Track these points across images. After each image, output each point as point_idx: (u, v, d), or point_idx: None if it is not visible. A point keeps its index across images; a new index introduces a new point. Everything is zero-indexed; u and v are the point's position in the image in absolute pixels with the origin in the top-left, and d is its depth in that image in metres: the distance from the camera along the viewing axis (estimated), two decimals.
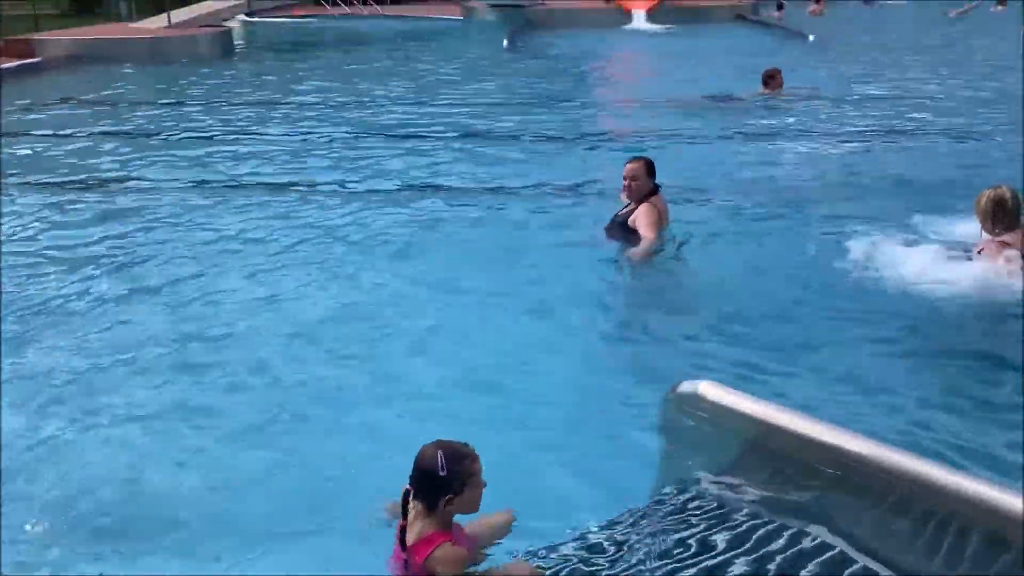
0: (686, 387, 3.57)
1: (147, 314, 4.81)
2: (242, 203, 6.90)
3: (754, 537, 2.86)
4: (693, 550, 2.79)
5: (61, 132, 9.64)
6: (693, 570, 2.70)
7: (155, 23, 17.41)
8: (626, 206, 5.64)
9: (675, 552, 2.79)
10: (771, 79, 10.87)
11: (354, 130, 9.69)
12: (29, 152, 8.78)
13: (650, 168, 5.57)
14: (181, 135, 9.52)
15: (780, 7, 24.50)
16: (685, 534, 2.88)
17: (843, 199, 6.77)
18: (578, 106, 11.50)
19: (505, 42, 17.59)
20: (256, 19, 23.51)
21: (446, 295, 5.01)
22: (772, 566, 2.71)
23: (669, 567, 2.72)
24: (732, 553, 2.78)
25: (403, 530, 2.54)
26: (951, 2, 23.29)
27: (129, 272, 5.42)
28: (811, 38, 17.32)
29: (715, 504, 3.04)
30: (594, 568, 2.74)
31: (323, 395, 3.93)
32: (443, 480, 2.48)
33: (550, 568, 2.73)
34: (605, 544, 2.84)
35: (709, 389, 3.50)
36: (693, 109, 10.53)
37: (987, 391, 3.88)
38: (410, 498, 2.56)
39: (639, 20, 21.73)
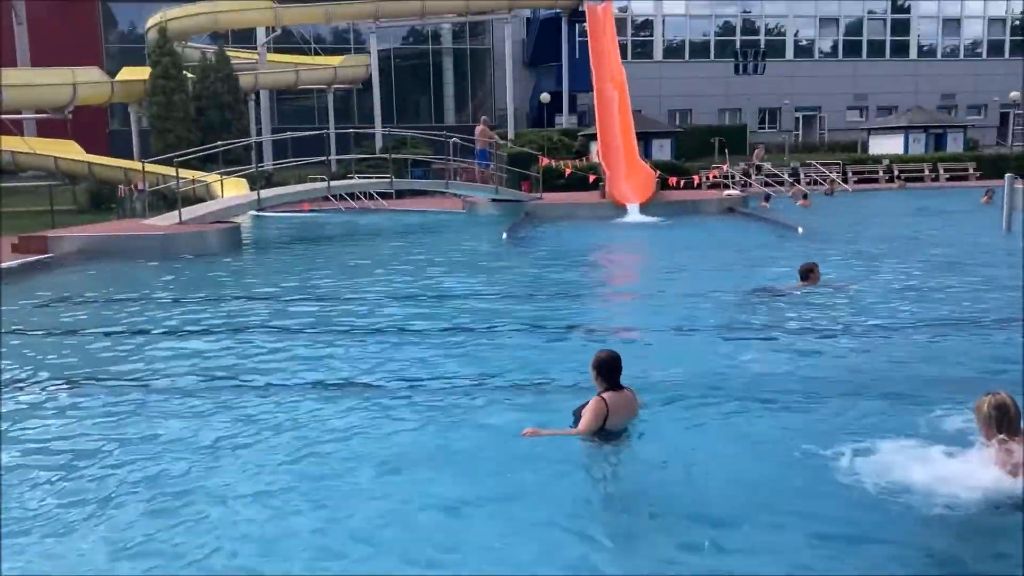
0: None
1: (142, 516, 4.75)
2: (236, 400, 6.93)
3: None
4: None
5: (66, 330, 9.81)
6: None
7: (168, 220, 18.10)
8: None
9: None
10: (810, 272, 11.09)
11: (350, 324, 9.86)
12: (33, 351, 8.89)
13: (596, 364, 5.82)
14: (180, 331, 9.67)
15: (767, 198, 25.67)
16: None
17: (840, 396, 6.76)
18: (574, 297, 11.76)
19: (504, 235, 18.21)
20: (266, 214, 24.46)
21: (420, 505, 4.89)
22: None
23: None
24: None
25: None
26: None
27: (127, 472, 5.40)
28: (800, 230, 17.91)
29: None
30: None
31: None
32: None
33: None
34: None
35: None
36: (732, 302, 10.67)
37: None
38: None
39: (633, 213, 22.54)
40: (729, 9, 52.38)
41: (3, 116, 28.15)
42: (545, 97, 39.70)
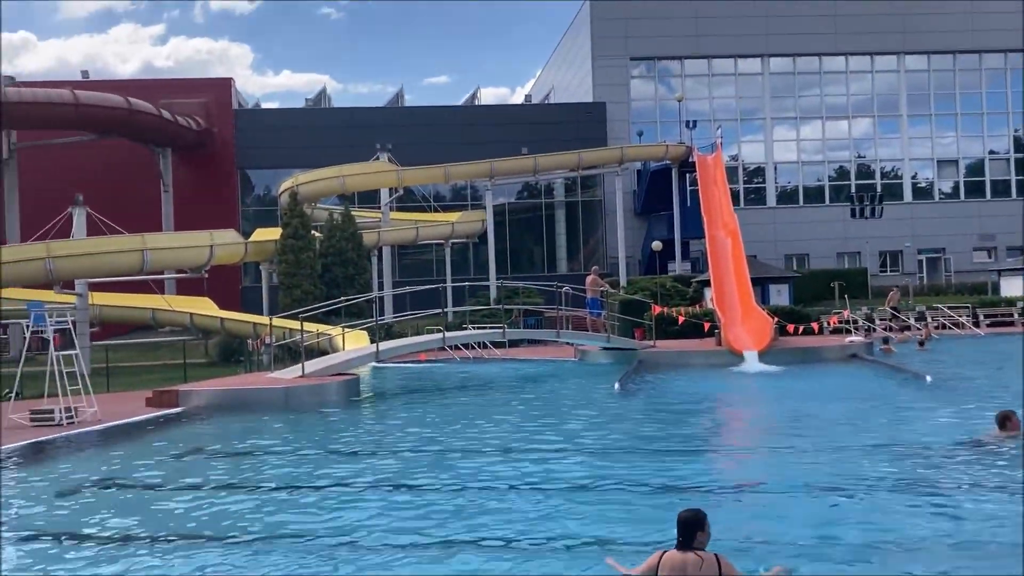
0: None
1: None
2: (354, 556, 6.91)
3: None
4: None
5: (188, 483, 10.11)
6: None
7: (291, 373, 18.73)
8: None
9: None
10: (1008, 420, 10.68)
11: (457, 480, 9.75)
12: (157, 504, 9.17)
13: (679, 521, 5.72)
14: (296, 484, 9.81)
15: (886, 341, 24.91)
16: None
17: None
18: (694, 452, 11.37)
19: (617, 384, 17.95)
20: (385, 365, 25.05)
21: None
22: None
23: None
24: None
25: None
26: None
27: None
28: (928, 379, 17.03)
29: None
30: None
31: None
32: None
33: None
34: None
35: None
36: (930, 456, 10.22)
37: None
38: None
39: (751, 361, 21.84)
40: (842, 154, 52.33)
41: (147, 276, 30.29)
42: (657, 245, 40.01)
